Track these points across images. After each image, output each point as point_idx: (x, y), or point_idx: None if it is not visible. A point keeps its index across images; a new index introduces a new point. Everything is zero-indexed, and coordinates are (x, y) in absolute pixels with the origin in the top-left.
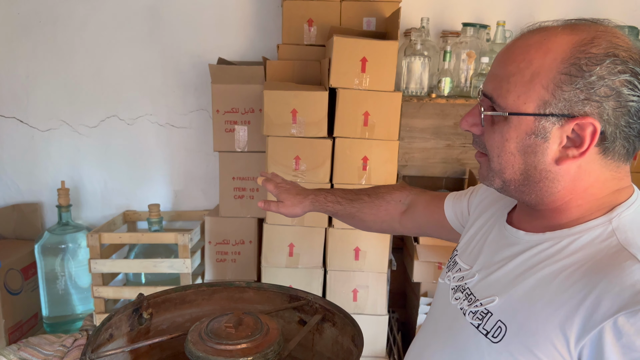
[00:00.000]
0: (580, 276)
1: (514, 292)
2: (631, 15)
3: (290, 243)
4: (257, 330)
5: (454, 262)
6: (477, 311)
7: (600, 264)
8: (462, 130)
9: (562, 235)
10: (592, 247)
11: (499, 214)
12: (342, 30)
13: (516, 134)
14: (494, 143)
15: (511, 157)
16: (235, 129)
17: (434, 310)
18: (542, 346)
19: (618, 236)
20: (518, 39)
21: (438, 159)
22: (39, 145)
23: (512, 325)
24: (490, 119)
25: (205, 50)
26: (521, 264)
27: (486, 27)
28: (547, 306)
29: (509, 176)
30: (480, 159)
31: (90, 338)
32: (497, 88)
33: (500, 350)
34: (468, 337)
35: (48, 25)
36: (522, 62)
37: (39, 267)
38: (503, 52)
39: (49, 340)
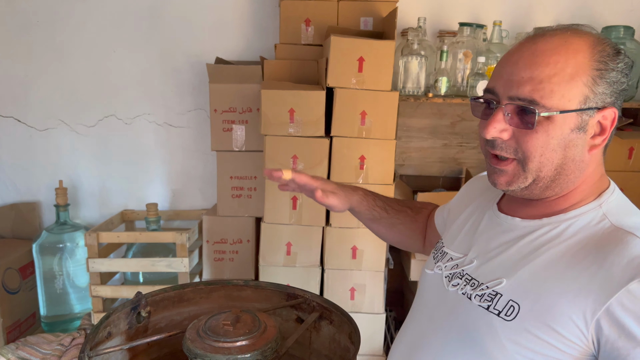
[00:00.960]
0: (586, 254)
1: (521, 273)
2: (627, 15)
3: (288, 242)
4: (254, 328)
5: (442, 253)
6: (483, 294)
7: (602, 242)
8: (487, 138)
9: (559, 220)
10: (588, 229)
11: (486, 205)
12: (340, 30)
13: (561, 130)
14: (537, 143)
15: (553, 154)
16: (233, 129)
17: (425, 300)
18: (558, 320)
19: (610, 219)
20: (536, 44)
21: (435, 158)
22: (37, 144)
23: (525, 304)
24: (530, 122)
25: (203, 49)
26: (523, 247)
27: (483, 26)
28: (559, 283)
29: (545, 173)
30: (509, 165)
31: (89, 336)
32: (538, 90)
33: (515, 327)
34: (477, 319)
35: (46, 25)
36: (557, 64)
37: (37, 267)
38: (526, 56)
39: (47, 340)
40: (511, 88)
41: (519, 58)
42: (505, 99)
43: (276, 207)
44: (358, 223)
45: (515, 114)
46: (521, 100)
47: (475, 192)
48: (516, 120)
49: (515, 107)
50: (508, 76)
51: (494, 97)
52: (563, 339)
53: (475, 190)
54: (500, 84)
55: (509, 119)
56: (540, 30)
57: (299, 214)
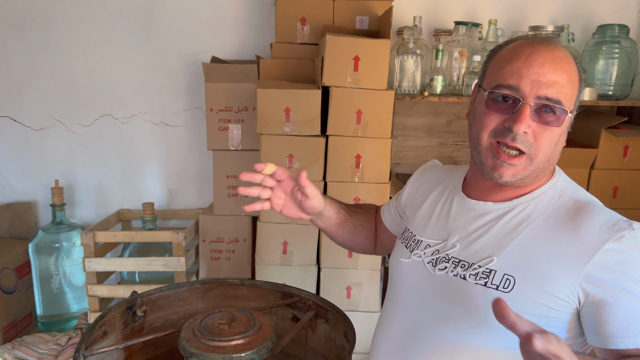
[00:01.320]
0: (562, 225)
1: (509, 250)
2: (621, 14)
3: (284, 241)
4: (250, 327)
5: (415, 241)
6: (477, 273)
7: (572, 214)
8: (519, 132)
9: (528, 200)
10: (553, 204)
11: (450, 192)
12: (335, 29)
13: (563, 129)
14: (551, 140)
15: (553, 147)
16: (229, 128)
17: (406, 288)
18: (551, 283)
19: (567, 194)
20: (554, 51)
21: (431, 156)
22: (32, 144)
23: (520, 275)
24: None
25: (199, 49)
26: (503, 227)
27: (478, 25)
28: (545, 252)
29: (541, 165)
30: (520, 159)
31: (84, 335)
32: (561, 93)
33: (514, 297)
34: (477, 295)
35: (41, 24)
36: (570, 72)
37: (33, 266)
38: (549, 61)
39: (43, 339)
40: (540, 88)
41: (544, 61)
42: (532, 97)
43: None
44: None
45: (538, 113)
46: (549, 100)
47: (433, 182)
48: (538, 117)
49: (542, 106)
50: (535, 77)
51: (518, 94)
52: (556, 298)
53: (431, 180)
54: (526, 83)
55: (532, 116)
56: (545, 38)
57: None
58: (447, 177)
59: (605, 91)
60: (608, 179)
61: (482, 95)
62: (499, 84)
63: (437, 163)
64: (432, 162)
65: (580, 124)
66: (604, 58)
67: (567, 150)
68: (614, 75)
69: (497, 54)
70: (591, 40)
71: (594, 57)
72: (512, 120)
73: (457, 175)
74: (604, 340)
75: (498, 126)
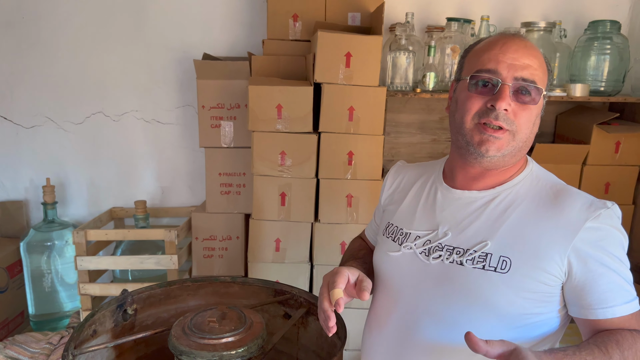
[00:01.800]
0: (546, 207)
1: (501, 233)
2: (613, 10)
3: (277, 238)
4: (240, 325)
5: (403, 234)
6: (474, 257)
7: (552, 196)
8: (500, 110)
9: (510, 187)
10: (533, 189)
11: (431, 186)
12: (327, 25)
13: (538, 110)
14: (529, 118)
15: (531, 126)
16: (221, 125)
17: (400, 280)
18: (544, 260)
19: (544, 180)
20: (524, 40)
21: (424, 153)
22: (23, 142)
23: (515, 255)
24: (530, 100)
25: (190, 45)
26: (491, 212)
27: (470, 21)
28: (534, 232)
29: (521, 143)
30: (504, 134)
31: (73, 334)
32: (534, 75)
33: (512, 276)
34: (477, 278)
35: (31, 21)
36: (539, 57)
37: (25, 265)
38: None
39: (35, 338)
40: (516, 70)
41: (517, 48)
42: (510, 79)
43: (264, 204)
44: (346, 218)
45: (515, 93)
46: (525, 80)
47: (410, 178)
48: (516, 97)
49: (519, 87)
50: (511, 61)
51: (496, 76)
52: (548, 274)
53: (408, 177)
54: (503, 67)
55: (510, 96)
56: (515, 33)
57: (288, 210)
58: (425, 172)
59: (597, 87)
60: (600, 175)
61: (464, 82)
62: (479, 69)
63: (405, 163)
64: (400, 163)
65: (572, 120)
66: (596, 54)
67: (560, 146)
68: (605, 72)
69: (473, 49)
70: (583, 36)
71: (585, 53)
72: (494, 99)
73: (435, 169)
74: (584, 311)
75: (481, 107)
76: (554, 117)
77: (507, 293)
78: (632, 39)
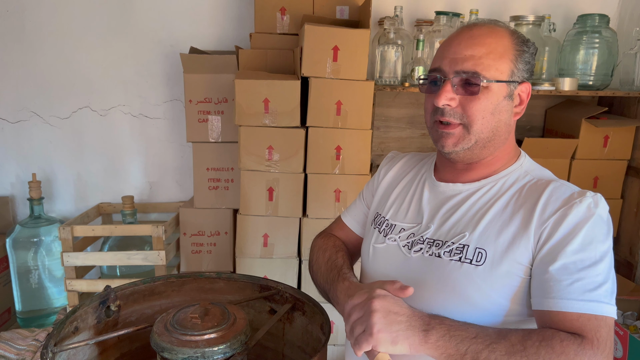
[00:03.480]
0: (524, 199)
1: (479, 225)
2: (602, 4)
3: (265, 233)
4: (223, 321)
5: (389, 226)
6: (451, 249)
7: (534, 189)
8: (439, 106)
9: (495, 180)
10: (518, 183)
11: (421, 179)
12: (315, 18)
13: (496, 97)
14: (480, 108)
15: (490, 117)
16: (209, 119)
17: (382, 272)
18: (516, 252)
19: (532, 174)
20: (472, 30)
21: (414, 148)
22: (8, 137)
23: (490, 247)
24: (475, 90)
25: (177, 39)
26: (472, 205)
27: (459, 15)
28: (510, 224)
29: (484, 134)
30: (456, 128)
31: (53, 331)
32: (478, 65)
33: (487, 268)
34: (453, 271)
35: (16, 15)
36: (491, 45)
37: (11, 261)
38: (465, 39)
39: (21, 335)
40: (456, 64)
41: (460, 41)
42: (451, 73)
43: (252, 199)
44: (334, 213)
45: (461, 86)
46: (465, 73)
47: (402, 169)
48: (462, 90)
49: (461, 79)
50: (452, 55)
51: (440, 74)
52: (520, 265)
53: (400, 167)
54: (446, 63)
55: (455, 90)
56: (475, 21)
57: (276, 206)
58: (417, 164)
59: (585, 81)
60: (588, 169)
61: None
62: (430, 70)
63: (398, 153)
64: (392, 153)
65: (561, 114)
66: (585, 48)
67: (548, 141)
68: (594, 65)
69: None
70: (572, 30)
71: (574, 47)
72: (434, 96)
73: (427, 162)
74: (540, 301)
75: (432, 106)
76: (544, 112)
77: (482, 286)
78: (621, 33)
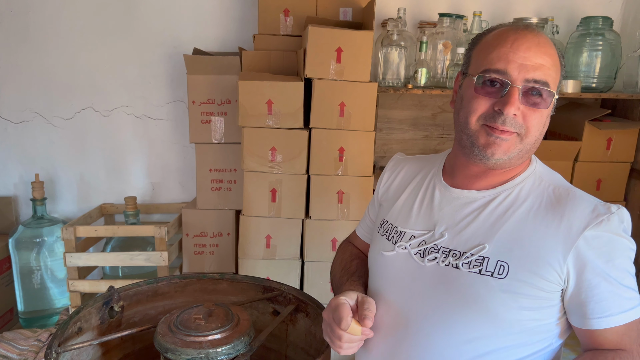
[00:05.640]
0: (546, 211)
1: (499, 236)
2: (605, 6)
3: (268, 235)
4: (227, 322)
5: (398, 233)
6: (470, 261)
7: (555, 200)
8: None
9: (511, 187)
10: (535, 191)
11: (429, 183)
12: (318, 20)
13: (549, 111)
14: (540, 120)
15: (541, 129)
16: (212, 120)
17: (393, 281)
18: (542, 267)
19: (547, 180)
20: (538, 36)
21: (416, 149)
22: (12, 137)
23: (513, 261)
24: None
25: (181, 40)
26: (490, 214)
27: (462, 17)
28: (533, 237)
29: (529, 145)
30: (511, 136)
31: (57, 331)
32: (547, 75)
33: (509, 282)
34: (473, 283)
35: (20, 16)
36: (553, 55)
37: (14, 262)
38: (534, 46)
39: (24, 335)
40: (527, 71)
41: (529, 46)
42: (520, 80)
43: (255, 200)
44: (337, 215)
45: (527, 95)
46: (537, 82)
47: (409, 173)
48: (528, 100)
49: (530, 89)
50: (522, 60)
51: (505, 78)
52: (546, 281)
53: (406, 171)
54: (514, 67)
55: (520, 99)
56: (527, 24)
57: (279, 207)
58: (424, 167)
59: (588, 83)
60: (591, 171)
61: (470, 80)
62: (487, 69)
63: (404, 155)
64: (399, 155)
65: (564, 117)
66: (588, 50)
67: (551, 143)
68: (597, 68)
69: (481, 41)
70: (575, 32)
71: (577, 49)
72: (502, 103)
73: (435, 165)
74: (581, 320)
75: (488, 110)
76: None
77: (504, 299)
78: (624, 35)
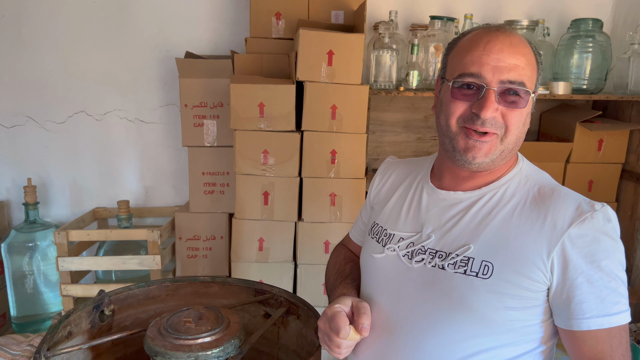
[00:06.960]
0: (530, 210)
1: (484, 237)
2: (596, 8)
3: (260, 237)
4: (217, 325)
5: (387, 235)
6: (456, 262)
7: (539, 198)
8: (487, 118)
9: (496, 187)
10: (520, 190)
11: (418, 185)
12: (310, 23)
13: (528, 109)
14: (519, 119)
15: (521, 128)
16: (204, 124)
17: (381, 282)
18: (526, 266)
19: (533, 180)
20: (510, 37)
21: (409, 152)
22: (4, 141)
23: (497, 261)
24: (520, 102)
25: (173, 44)
26: (475, 214)
27: (454, 20)
28: (517, 236)
29: (511, 145)
30: (491, 137)
31: (46, 336)
32: (522, 75)
33: (494, 282)
34: (458, 284)
35: (12, 20)
36: (527, 54)
37: (6, 267)
38: (507, 47)
39: (16, 340)
40: (501, 73)
41: (502, 47)
42: (495, 82)
43: (247, 203)
44: (330, 217)
45: (504, 96)
46: (512, 83)
47: (399, 175)
48: (504, 100)
49: (506, 89)
50: (496, 62)
51: (480, 81)
52: (530, 280)
53: (396, 173)
54: (487, 70)
55: (497, 100)
56: (500, 26)
57: (271, 210)
58: (414, 170)
59: (579, 85)
60: (583, 173)
61: (447, 86)
62: (461, 73)
63: (395, 159)
64: (390, 159)
65: (555, 118)
66: (578, 52)
67: (543, 144)
68: (588, 70)
69: (456, 46)
70: (566, 34)
71: (568, 51)
72: (479, 107)
73: (423, 167)
74: (562, 321)
75: (465, 112)
76: (538, 115)
77: (489, 299)
78: (615, 37)
